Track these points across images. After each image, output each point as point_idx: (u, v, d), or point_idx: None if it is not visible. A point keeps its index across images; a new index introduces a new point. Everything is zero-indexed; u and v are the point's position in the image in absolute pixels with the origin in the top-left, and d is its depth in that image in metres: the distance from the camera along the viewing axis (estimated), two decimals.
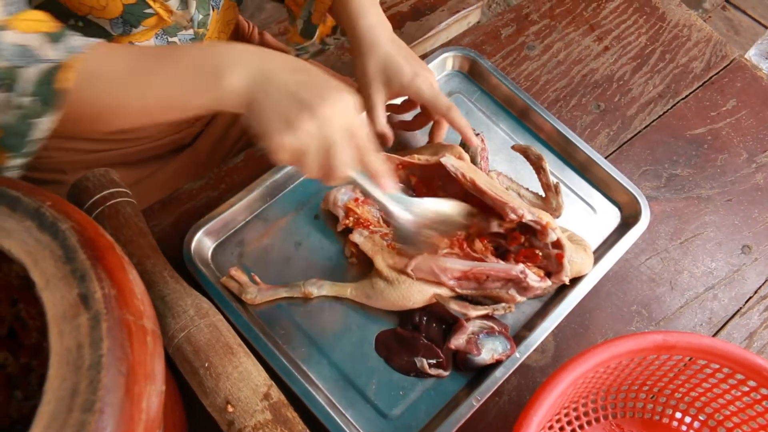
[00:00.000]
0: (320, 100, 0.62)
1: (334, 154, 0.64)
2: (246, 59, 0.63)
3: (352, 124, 0.65)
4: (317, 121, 0.62)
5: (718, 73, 1.11)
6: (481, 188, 0.80)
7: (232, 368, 0.69)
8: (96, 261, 0.48)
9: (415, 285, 0.78)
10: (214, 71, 0.62)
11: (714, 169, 1.00)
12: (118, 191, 0.81)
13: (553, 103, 1.04)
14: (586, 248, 0.84)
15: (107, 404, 0.42)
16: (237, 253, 0.85)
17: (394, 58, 0.84)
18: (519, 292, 0.79)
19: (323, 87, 0.63)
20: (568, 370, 0.63)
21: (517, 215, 0.78)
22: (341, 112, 0.63)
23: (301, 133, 0.62)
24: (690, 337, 0.67)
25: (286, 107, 0.62)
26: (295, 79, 0.63)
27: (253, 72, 0.62)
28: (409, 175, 0.86)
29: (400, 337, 0.79)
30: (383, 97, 0.86)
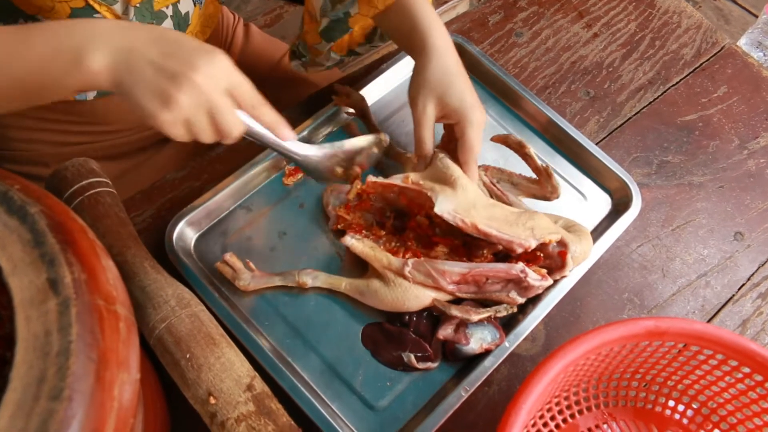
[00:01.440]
0: (190, 68, 0.58)
1: (220, 117, 0.61)
2: (105, 35, 0.59)
3: (231, 82, 0.62)
4: (193, 89, 0.58)
5: (709, 59, 1.10)
6: (485, 232, 0.75)
7: (214, 359, 0.68)
8: (66, 245, 0.46)
9: (412, 289, 0.76)
10: (73, 53, 0.58)
11: (705, 156, 0.99)
12: (97, 181, 0.79)
13: (542, 90, 1.03)
14: (586, 234, 0.81)
15: (76, 391, 0.41)
16: (220, 243, 0.84)
17: (459, 80, 0.80)
18: (520, 293, 0.76)
19: (191, 53, 0.59)
20: (558, 357, 0.62)
21: (524, 248, 0.75)
22: (216, 74, 0.60)
23: (180, 105, 0.59)
24: (682, 322, 0.66)
25: (156, 82, 0.58)
26: (161, 49, 0.59)
27: (115, 49, 0.58)
28: (400, 195, 0.82)
29: (387, 331, 0.78)
30: (434, 113, 0.81)
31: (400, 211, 0.83)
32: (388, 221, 0.82)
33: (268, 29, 1.32)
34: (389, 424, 0.74)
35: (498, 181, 0.87)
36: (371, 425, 0.73)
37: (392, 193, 0.82)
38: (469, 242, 0.79)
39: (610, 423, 0.75)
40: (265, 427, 0.65)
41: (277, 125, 0.68)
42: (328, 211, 0.84)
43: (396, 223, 0.82)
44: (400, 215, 0.83)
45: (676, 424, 0.74)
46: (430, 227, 0.80)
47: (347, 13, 0.83)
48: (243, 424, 0.64)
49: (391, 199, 0.83)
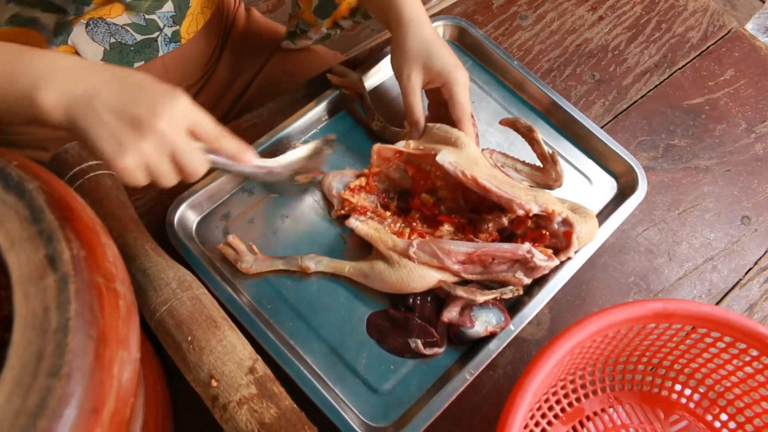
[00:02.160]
0: (153, 114, 0.58)
1: (183, 160, 0.61)
2: (64, 73, 0.57)
3: (192, 121, 0.62)
4: (156, 136, 0.58)
5: (716, 42, 1.08)
6: (485, 186, 0.75)
7: (216, 342, 0.67)
8: (65, 221, 0.45)
9: (417, 270, 0.75)
10: (27, 90, 0.56)
11: (712, 140, 0.97)
12: (98, 164, 0.78)
13: (546, 73, 1.01)
14: (591, 216, 0.80)
15: (75, 369, 0.40)
16: (222, 226, 0.83)
17: (438, 46, 0.82)
18: (526, 273, 0.76)
19: (153, 98, 0.59)
20: (565, 338, 0.61)
21: (525, 210, 0.75)
22: (177, 117, 0.59)
23: (143, 153, 0.58)
24: (690, 305, 0.65)
25: (116, 129, 0.57)
26: (121, 94, 0.58)
27: (71, 89, 0.57)
28: (406, 165, 0.82)
29: (393, 318, 0.77)
30: (421, 80, 0.83)
31: (403, 192, 0.82)
32: (392, 203, 0.81)
33: (269, 14, 1.30)
34: (393, 407, 0.73)
35: (502, 165, 0.85)
36: (375, 409, 0.73)
37: (398, 164, 0.82)
38: (475, 219, 0.78)
39: (616, 407, 0.74)
40: (268, 410, 0.64)
41: (239, 153, 0.68)
42: (331, 196, 0.83)
43: (400, 203, 0.81)
44: (404, 196, 0.82)
45: (682, 408, 0.74)
46: (434, 206, 0.80)
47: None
48: (245, 407, 0.64)
49: (395, 179, 0.82)
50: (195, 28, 0.96)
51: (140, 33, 0.87)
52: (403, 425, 0.69)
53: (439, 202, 0.80)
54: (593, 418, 0.73)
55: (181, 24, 0.91)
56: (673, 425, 0.73)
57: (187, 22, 0.93)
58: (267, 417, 0.64)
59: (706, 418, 0.73)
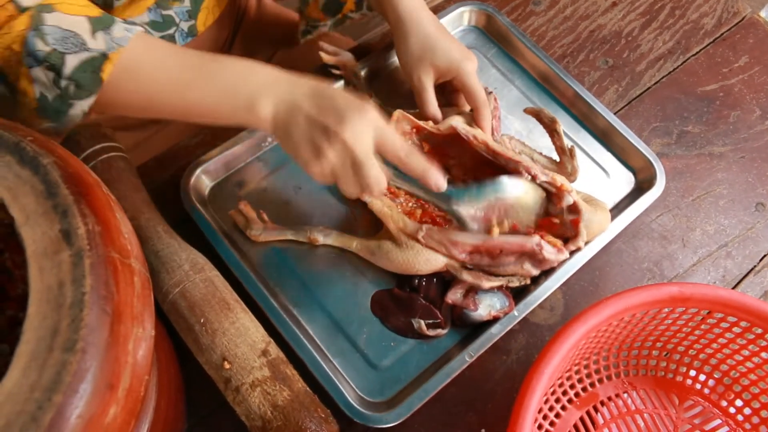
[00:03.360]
0: (340, 123, 0.62)
1: (364, 172, 0.64)
2: (273, 86, 0.65)
3: (378, 135, 0.65)
4: (340, 144, 0.63)
5: (730, 29, 1.07)
6: (494, 149, 0.77)
7: (229, 324, 0.67)
8: (80, 197, 0.45)
9: (423, 253, 0.75)
10: (248, 98, 0.65)
11: (726, 126, 0.96)
12: (110, 146, 0.78)
13: (560, 59, 1.00)
14: (603, 208, 0.80)
15: (90, 344, 0.40)
16: (235, 193, 0.84)
17: (440, 39, 0.82)
18: (534, 265, 0.75)
19: (343, 108, 0.63)
20: (581, 322, 0.61)
21: (531, 174, 0.75)
22: (363, 129, 0.63)
23: (328, 158, 0.63)
24: (706, 288, 0.64)
25: (310, 134, 0.64)
26: (316, 103, 0.64)
27: (280, 100, 0.64)
28: (422, 142, 0.82)
29: (397, 297, 0.76)
30: (431, 79, 0.83)
31: None
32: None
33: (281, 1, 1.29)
34: (390, 384, 0.73)
35: (519, 152, 0.85)
36: (372, 384, 0.73)
37: (414, 140, 0.82)
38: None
39: (630, 392, 0.73)
40: (281, 392, 0.64)
41: (426, 173, 0.68)
42: None
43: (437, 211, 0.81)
44: None
45: (696, 394, 0.73)
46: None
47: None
48: (258, 390, 0.63)
49: None
50: (211, 20, 0.95)
51: (158, 30, 0.86)
52: (399, 402, 0.69)
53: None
54: (607, 403, 0.72)
55: (196, 18, 0.91)
56: (687, 411, 0.73)
57: (202, 16, 0.92)
58: (280, 399, 0.63)
59: (721, 404, 0.72)
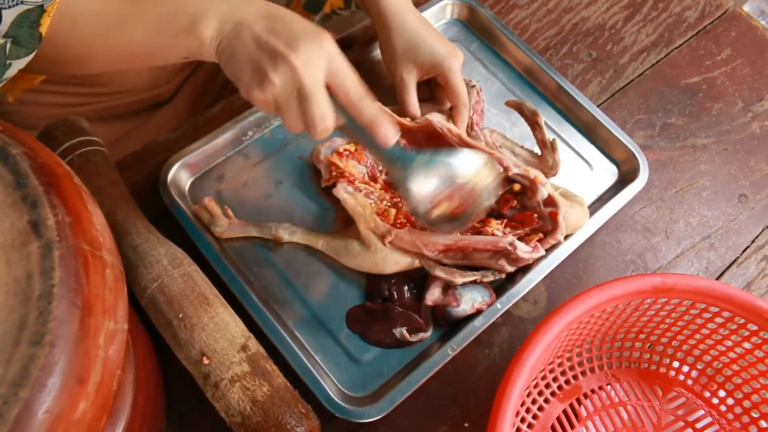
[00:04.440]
0: (290, 48, 0.57)
1: (309, 105, 0.59)
2: (221, 8, 0.60)
3: (331, 69, 0.59)
4: (288, 70, 0.57)
5: (713, 22, 1.07)
6: (468, 142, 0.77)
7: (208, 319, 0.66)
8: (50, 187, 0.44)
9: (392, 256, 0.74)
10: (190, 21, 0.59)
11: (709, 118, 0.96)
12: (88, 140, 0.77)
13: (543, 51, 1.00)
14: (581, 202, 0.80)
15: (59, 337, 0.39)
16: (215, 187, 0.83)
17: (424, 36, 0.81)
18: (509, 262, 0.75)
19: (296, 33, 0.58)
20: (562, 313, 0.60)
21: (503, 166, 0.74)
22: (315, 58, 0.58)
23: (273, 84, 0.58)
24: (689, 279, 0.64)
25: (256, 57, 0.58)
26: (267, 25, 0.59)
27: (227, 19, 0.59)
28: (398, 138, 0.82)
29: (372, 311, 0.75)
30: (414, 77, 0.82)
31: None
32: (381, 176, 0.80)
33: None
34: (372, 378, 0.72)
35: (500, 146, 0.85)
36: (353, 379, 0.72)
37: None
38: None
39: (613, 384, 0.73)
40: (260, 387, 0.63)
41: (375, 123, 0.62)
42: (318, 162, 0.81)
43: (387, 178, 0.80)
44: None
45: (680, 385, 0.73)
46: None
47: None
48: (237, 385, 0.63)
49: None
50: None
51: None
52: (381, 397, 0.69)
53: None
54: (591, 396, 0.72)
55: None
56: (670, 402, 0.72)
57: None
58: (259, 395, 0.63)
59: (704, 395, 0.72)
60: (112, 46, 0.63)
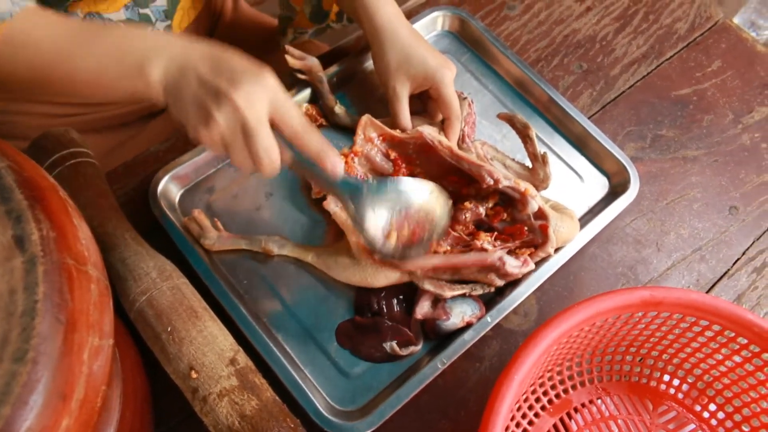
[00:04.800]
0: (232, 86, 0.58)
1: (254, 140, 0.59)
2: (166, 48, 0.61)
3: (274, 105, 0.60)
4: (231, 108, 0.58)
5: (703, 34, 1.08)
6: (458, 154, 0.76)
7: (196, 332, 0.66)
8: (34, 201, 0.44)
9: (382, 270, 0.74)
10: (137, 60, 0.60)
11: (700, 130, 0.97)
12: (78, 151, 0.77)
13: (534, 63, 1.00)
14: (571, 215, 0.80)
15: (41, 354, 0.38)
16: (205, 199, 0.83)
17: (417, 49, 0.81)
18: (499, 276, 0.74)
19: (238, 71, 0.59)
20: (551, 327, 0.60)
21: (493, 178, 0.74)
22: (258, 95, 0.59)
23: (218, 123, 0.58)
24: (678, 292, 0.64)
25: (200, 97, 0.58)
26: (210, 66, 0.59)
27: (173, 62, 0.60)
28: (388, 150, 0.81)
29: (361, 325, 0.75)
30: (407, 89, 0.83)
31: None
32: None
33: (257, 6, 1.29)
34: (362, 392, 0.72)
35: (491, 158, 0.85)
36: (343, 392, 0.72)
37: (380, 147, 0.81)
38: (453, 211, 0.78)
39: (604, 398, 0.73)
40: (249, 402, 0.63)
41: (321, 155, 0.62)
42: None
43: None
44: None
45: (670, 399, 0.73)
46: None
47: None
48: (225, 399, 0.62)
49: (376, 163, 0.80)
50: (186, 22, 0.94)
51: None
52: (370, 411, 0.68)
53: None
54: (581, 410, 0.72)
55: (172, 19, 0.90)
56: (661, 416, 0.72)
57: (178, 17, 0.91)
58: (248, 409, 0.62)
59: (695, 409, 0.72)
60: (58, 78, 0.63)
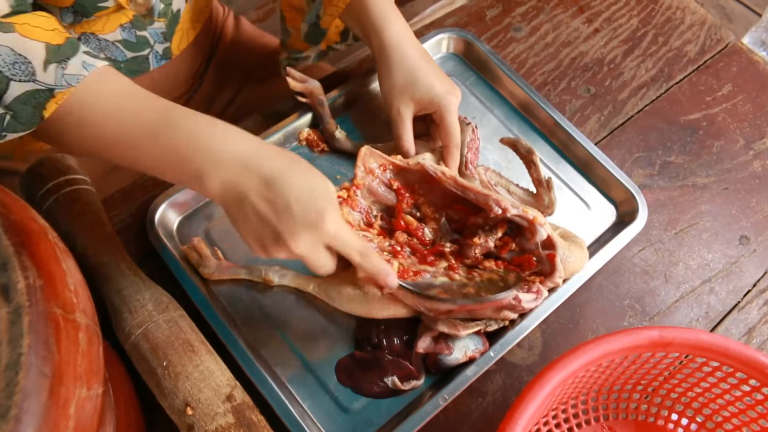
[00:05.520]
0: (292, 237, 0.59)
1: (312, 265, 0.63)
2: (224, 169, 0.59)
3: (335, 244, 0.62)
4: (290, 254, 0.61)
5: (713, 57, 1.06)
6: (463, 184, 0.75)
7: (193, 367, 0.64)
8: (21, 248, 0.42)
9: (390, 305, 0.72)
10: (195, 173, 0.60)
11: (710, 156, 0.95)
12: (74, 178, 0.75)
13: (540, 86, 0.99)
14: (581, 245, 0.78)
15: (25, 411, 0.37)
16: (204, 226, 0.81)
17: (425, 72, 0.80)
18: (513, 312, 0.72)
19: (297, 217, 0.59)
20: (556, 370, 0.58)
21: (501, 208, 0.72)
22: (316, 244, 0.61)
23: (277, 256, 0.62)
24: (688, 333, 0.62)
25: (259, 234, 0.61)
26: (268, 199, 0.59)
27: (229, 184, 0.60)
28: (390, 180, 0.80)
29: (361, 360, 0.73)
30: (411, 112, 0.82)
31: (387, 211, 0.79)
32: (376, 221, 0.78)
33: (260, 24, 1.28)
34: (361, 428, 0.70)
35: (495, 184, 0.83)
36: (343, 428, 0.70)
37: (382, 178, 0.79)
38: (460, 243, 0.76)
39: None
40: None
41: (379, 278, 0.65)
42: None
43: (383, 224, 0.78)
44: (388, 215, 0.79)
45: None
46: (418, 228, 0.77)
47: (318, 16, 0.87)
48: None
49: (379, 194, 0.79)
50: (185, 43, 0.93)
51: (131, 50, 0.84)
52: None
53: (422, 223, 0.77)
54: None
55: (171, 40, 0.89)
56: None
57: (177, 38, 0.90)
58: None
59: None
60: (116, 161, 0.63)
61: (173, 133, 0.60)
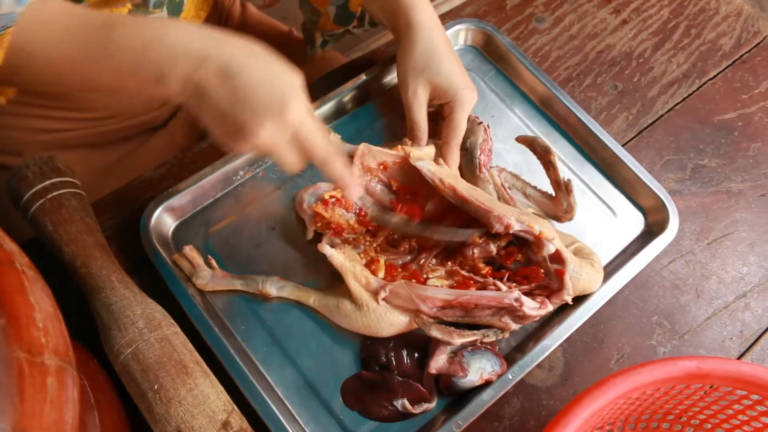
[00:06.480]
0: (256, 122, 0.57)
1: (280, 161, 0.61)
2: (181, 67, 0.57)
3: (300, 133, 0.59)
4: (255, 141, 0.58)
5: (750, 51, 0.99)
6: (463, 195, 0.69)
7: (186, 391, 0.60)
8: None
9: (386, 317, 0.68)
10: (153, 76, 0.58)
11: (746, 160, 0.89)
12: (62, 181, 0.70)
13: (564, 82, 0.93)
14: (594, 263, 0.73)
15: None
16: (201, 233, 0.76)
17: (449, 59, 0.78)
18: (514, 320, 0.68)
19: (261, 102, 0.56)
20: (581, 406, 0.53)
21: (503, 224, 0.67)
22: (282, 128, 0.58)
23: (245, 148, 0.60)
24: (728, 364, 0.56)
25: (223, 125, 0.58)
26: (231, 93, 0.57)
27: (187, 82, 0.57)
28: (390, 179, 0.75)
29: (369, 381, 0.68)
30: (426, 95, 0.79)
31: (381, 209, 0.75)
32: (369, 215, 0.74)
33: (267, 10, 1.22)
34: None
35: (510, 186, 0.78)
36: None
37: (380, 177, 0.76)
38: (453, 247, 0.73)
39: None
40: None
41: (343, 183, 0.64)
42: (302, 212, 0.75)
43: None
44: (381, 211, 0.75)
45: None
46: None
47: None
48: None
49: (376, 195, 0.74)
50: None
51: None
52: None
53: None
54: None
55: None
56: None
57: None
58: None
59: None
60: (74, 82, 0.62)
61: (123, 42, 0.58)
